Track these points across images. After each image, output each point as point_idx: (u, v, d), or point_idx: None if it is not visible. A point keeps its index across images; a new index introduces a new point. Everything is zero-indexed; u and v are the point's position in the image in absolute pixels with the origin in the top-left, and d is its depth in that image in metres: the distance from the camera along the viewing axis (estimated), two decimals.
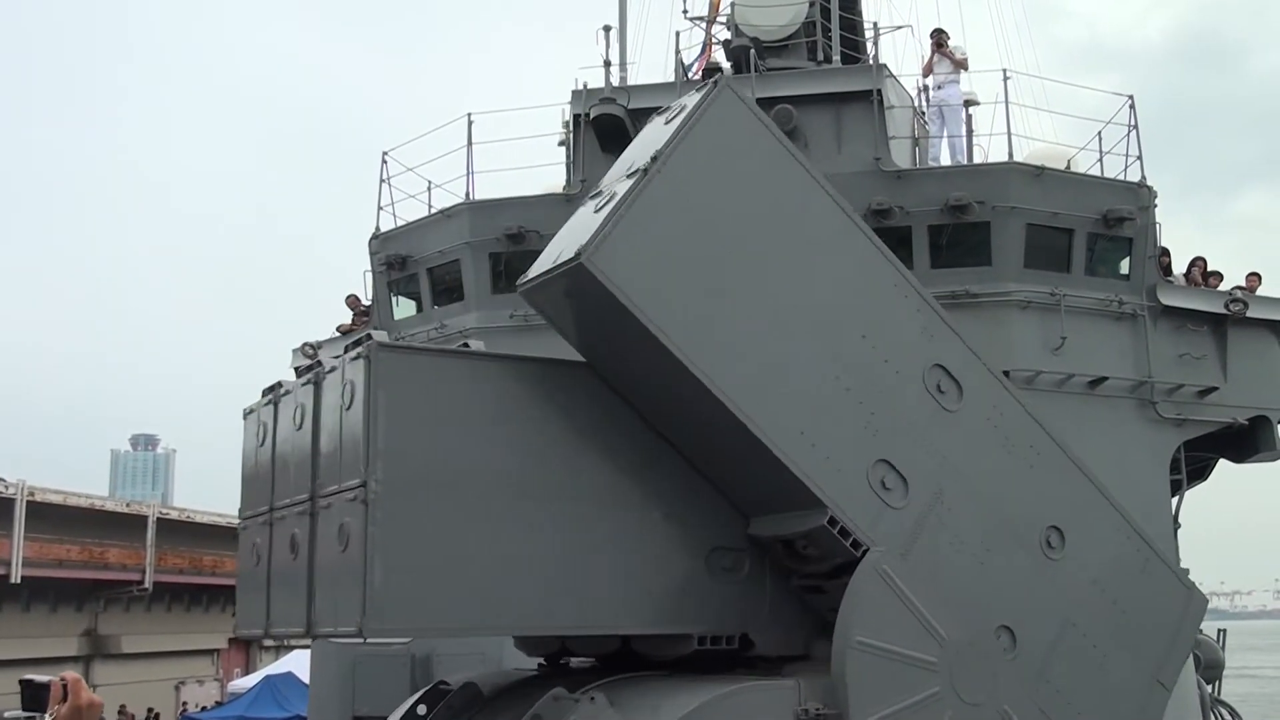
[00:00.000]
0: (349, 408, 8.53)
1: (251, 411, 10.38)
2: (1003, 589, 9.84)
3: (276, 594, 9.57)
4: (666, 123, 9.37)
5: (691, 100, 9.29)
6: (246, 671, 49.80)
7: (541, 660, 10.98)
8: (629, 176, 8.83)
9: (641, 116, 17.22)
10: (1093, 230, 16.58)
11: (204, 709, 46.48)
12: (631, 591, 9.24)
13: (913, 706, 8.96)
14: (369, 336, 8.72)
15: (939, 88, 18.91)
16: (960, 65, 18.98)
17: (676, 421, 9.45)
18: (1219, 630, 21.38)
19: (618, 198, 8.60)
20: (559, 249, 8.95)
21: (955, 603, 9.42)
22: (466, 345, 10.38)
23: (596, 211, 8.79)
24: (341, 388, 8.66)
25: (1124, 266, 17.04)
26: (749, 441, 8.88)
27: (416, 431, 8.52)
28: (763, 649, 9.85)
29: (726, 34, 19.82)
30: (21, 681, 4.83)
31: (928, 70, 19.15)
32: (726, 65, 17.77)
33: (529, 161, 18.73)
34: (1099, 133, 17.68)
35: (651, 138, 9.39)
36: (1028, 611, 9.93)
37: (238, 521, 10.48)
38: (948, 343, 9.93)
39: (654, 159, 8.71)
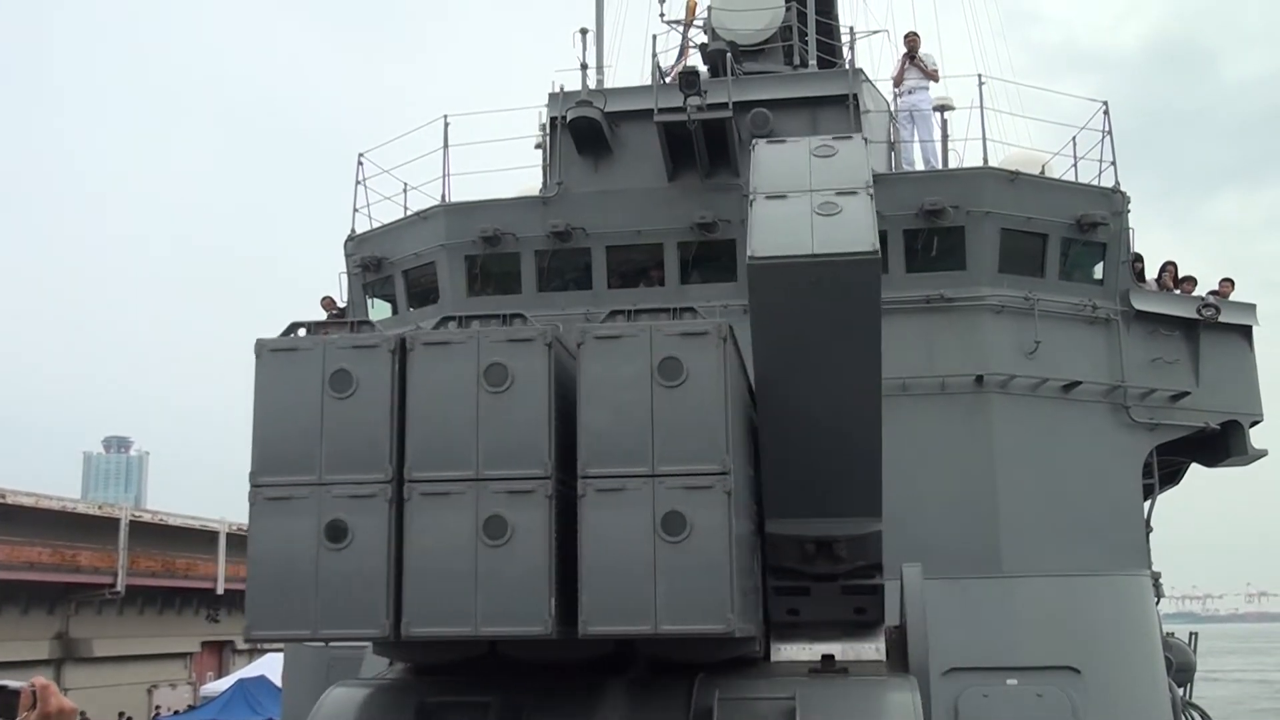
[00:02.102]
0: (674, 385, 7.77)
1: (289, 350, 8.15)
2: None
3: (428, 587, 7.81)
4: (818, 155, 9.54)
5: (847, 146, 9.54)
6: (219, 675, 49.57)
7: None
8: (840, 195, 8.81)
9: (618, 119, 17.29)
10: (1067, 235, 16.68)
11: (177, 713, 46.25)
12: None
13: None
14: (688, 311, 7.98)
15: (910, 92, 18.99)
16: (930, 76, 19.06)
17: (796, 420, 8.90)
18: (1191, 633, 21.49)
19: (862, 204, 8.66)
20: (790, 239, 8.43)
21: None
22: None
23: (830, 216, 8.59)
24: (653, 362, 7.78)
25: (1098, 271, 17.14)
26: (868, 449, 8.79)
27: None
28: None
29: (703, 37, 19.89)
30: None
31: (899, 79, 19.21)
32: (703, 69, 17.79)
33: (505, 164, 18.74)
34: (1073, 138, 17.80)
35: (802, 165, 9.50)
36: None
37: (273, 490, 7.97)
38: None
39: (866, 184, 8.94)
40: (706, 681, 8.83)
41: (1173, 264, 18.77)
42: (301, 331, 8.19)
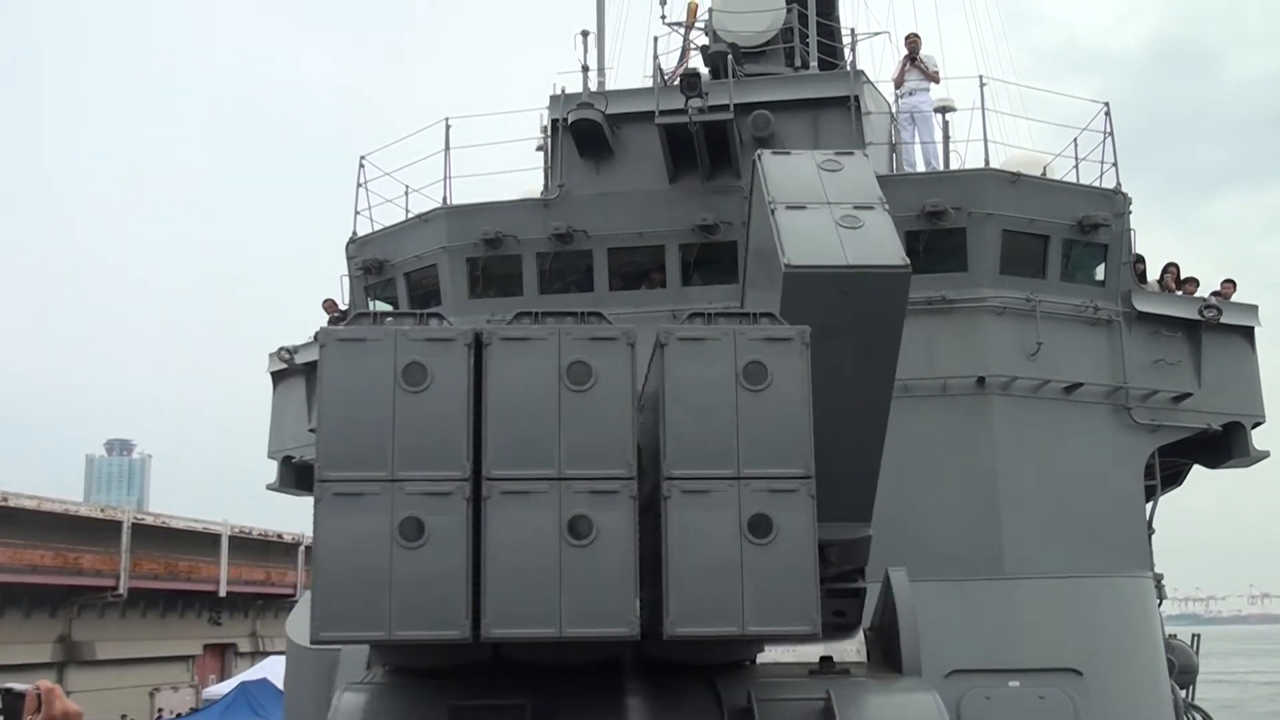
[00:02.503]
0: (759, 389, 7.84)
1: (357, 340, 7.79)
2: None
3: (509, 588, 7.65)
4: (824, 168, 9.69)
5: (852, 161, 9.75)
6: (221, 678, 49.57)
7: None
8: (858, 209, 9.02)
9: (619, 121, 17.30)
10: (1068, 236, 16.68)
11: (179, 715, 46.25)
12: None
13: None
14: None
15: (911, 94, 18.99)
16: (931, 78, 19.07)
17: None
18: (1193, 635, 21.50)
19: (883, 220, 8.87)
20: (822, 249, 8.76)
21: None
22: None
23: (854, 229, 8.78)
24: (739, 365, 7.86)
25: (1099, 272, 17.14)
26: (869, 458, 8.88)
27: None
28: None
29: (704, 39, 19.89)
30: (2, 690, 4.79)
31: (899, 81, 19.22)
32: (704, 71, 17.80)
33: (507, 166, 18.76)
34: (1075, 139, 17.81)
35: (813, 177, 9.65)
36: None
37: (343, 486, 7.63)
38: None
39: (880, 200, 9.13)
40: (730, 683, 8.74)
41: (1175, 265, 18.77)
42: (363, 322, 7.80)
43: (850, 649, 10.01)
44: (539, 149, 19.24)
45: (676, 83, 16.93)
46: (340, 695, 8.76)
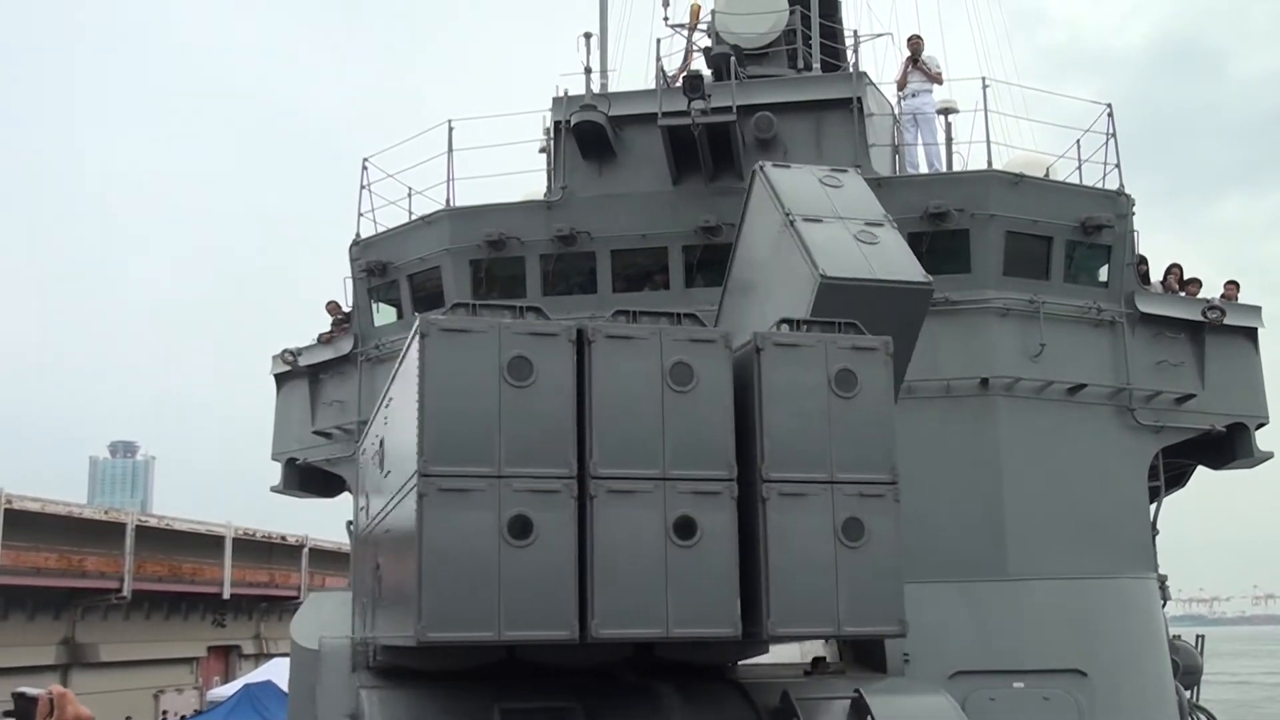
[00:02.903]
0: (849, 396, 8.11)
1: (461, 331, 7.70)
2: None
3: (618, 588, 7.67)
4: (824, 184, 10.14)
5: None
6: (226, 680, 49.59)
7: None
8: (870, 225, 9.67)
9: (622, 123, 17.31)
10: (1071, 238, 16.68)
11: (183, 717, 46.30)
12: None
13: None
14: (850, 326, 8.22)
15: (914, 95, 18.99)
16: (934, 79, 19.06)
17: None
18: (1198, 636, 21.48)
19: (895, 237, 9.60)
20: (849, 261, 9.16)
21: None
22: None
23: (871, 245, 9.36)
24: (830, 372, 8.12)
25: (1102, 274, 17.14)
26: None
27: None
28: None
29: (707, 41, 19.90)
30: (14, 694, 4.81)
31: (902, 83, 19.22)
32: (707, 73, 17.81)
33: (510, 168, 18.76)
34: (1078, 141, 17.81)
35: (819, 192, 10.12)
36: None
37: (449, 481, 7.43)
38: None
39: (887, 217, 9.74)
40: (756, 683, 8.93)
41: (1178, 266, 18.76)
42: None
43: (817, 649, 10.09)
44: (542, 151, 19.25)
45: (679, 84, 16.93)
46: (366, 696, 8.65)
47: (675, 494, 7.58)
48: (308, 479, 20.16)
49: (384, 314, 19.07)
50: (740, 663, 9.63)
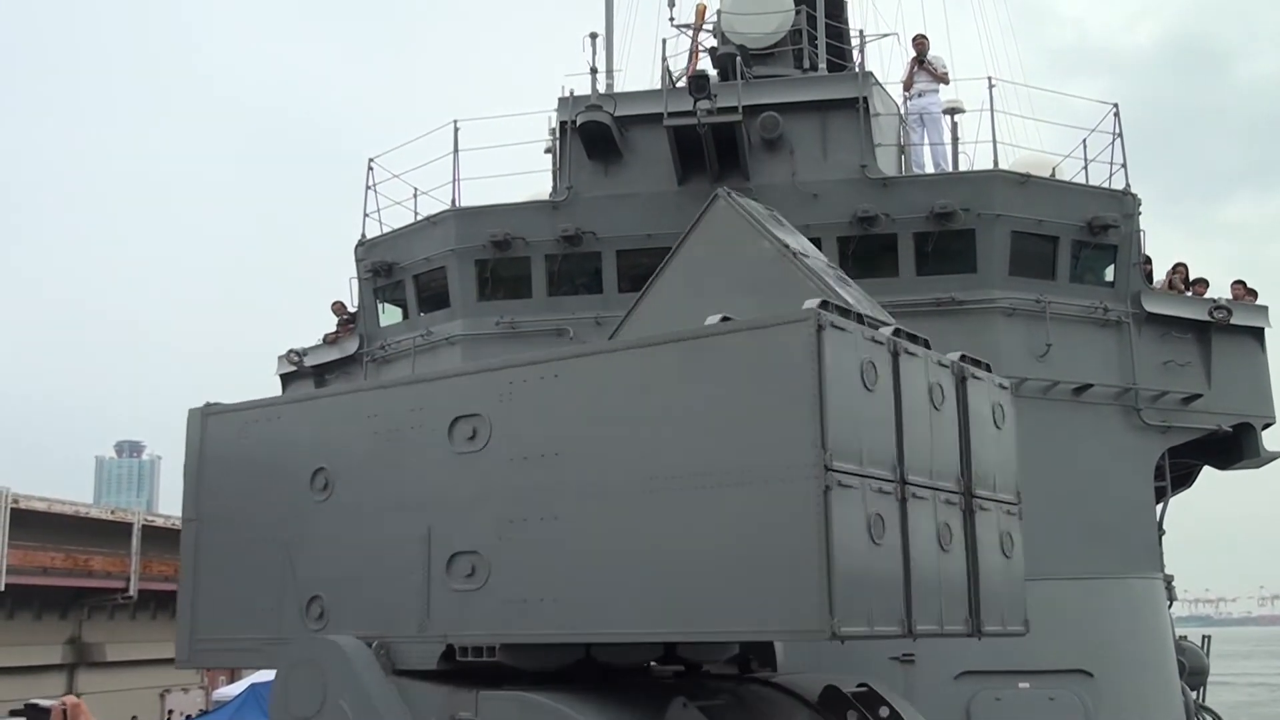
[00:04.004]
0: (1000, 427, 9.68)
1: (840, 330, 8.02)
2: None
3: (923, 587, 8.36)
4: None
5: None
6: (231, 680, 49.59)
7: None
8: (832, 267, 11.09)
9: (628, 123, 17.30)
10: (1077, 237, 16.66)
11: (189, 717, 46.29)
12: None
13: None
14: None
15: (920, 95, 18.97)
16: (941, 79, 19.04)
17: None
18: (1204, 637, 21.47)
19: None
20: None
21: None
22: None
23: (848, 287, 10.43)
24: (991, 405, 9.69)
25: (1109, 274, 17.12)
26: None
27: None
28: None
29: (713, 41, 19.89)
30: (27, 705, 4.83)
31: (909, 84, 19.20)
32: (713, 73, 17.80)
33: (515, 168, 18.75)
34: (1084, 140, 17.77)
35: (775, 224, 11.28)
36: None
37: (846, 479, 7.69)
38: None
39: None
40: (787, 679, 9.96)
41: (1183, 265, 18.72)
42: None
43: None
44: (547, 151, 19.24)
45: (685, 84, 16.92)
46: (489, 702, 8.74)
47: (940, 504, 8.53)
48: None
49: (389, 314, 19.08)
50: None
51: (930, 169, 18.53)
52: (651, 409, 8.39)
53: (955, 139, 19.05)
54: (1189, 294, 18.17)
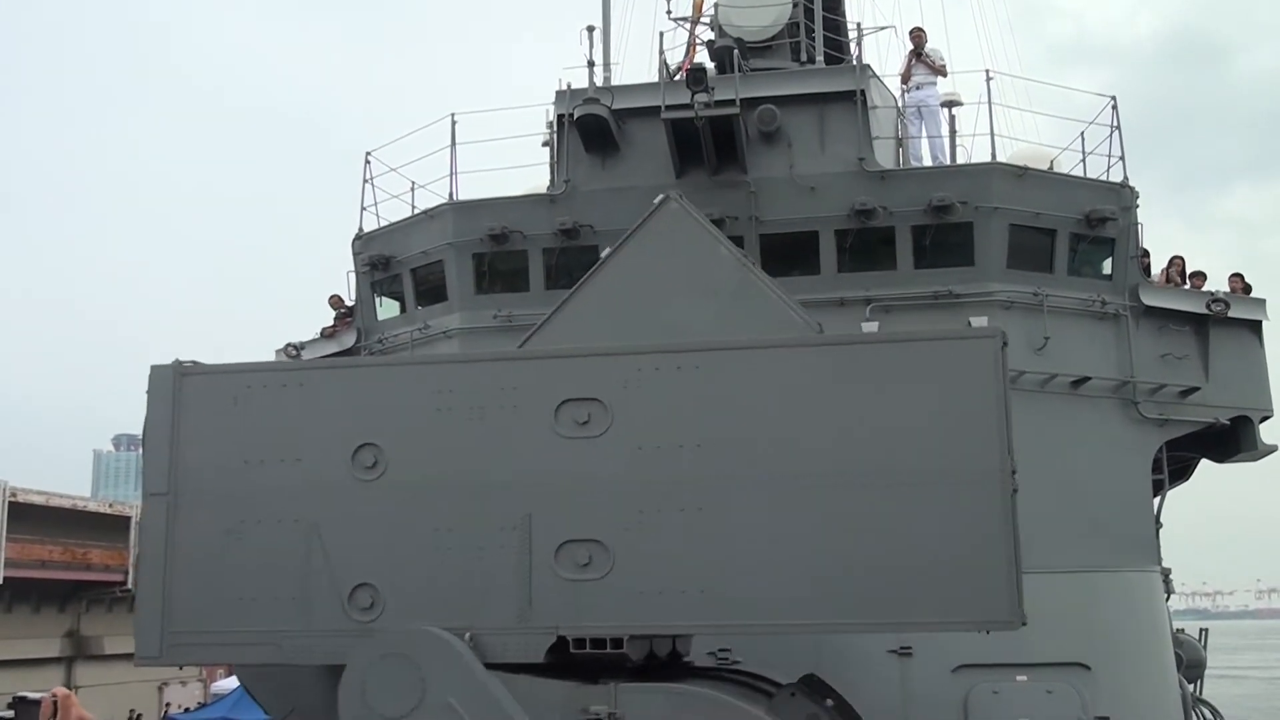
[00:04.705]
0: None
1: None
2: None
3: None
4: None
5: None
6: (230, 673, 49.56)
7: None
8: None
9: (625, 117, 17.27)
10: (1075, 230, 16.64)
11: (187, 710, 46.27)
12: None
13: None
14: None
15: (917, 88, 18.95)
16: (939, 72, 19.01)
17: None
18: (1201, 630, 21.49)
19: None
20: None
21: None
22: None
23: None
24: None
25: (1106, 267, 17.10)
26: None
27: None
28: None
29: (710, 34, 19.84)
30: (15, 699, 4.81)
31: (906, 77, 19.17)
32: (710, 66, 17.77)
33: (513, 162, 18.72)
34: (1081, 133, 17.75)
35: None
36: None
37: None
38: None
39: None
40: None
41: (1179, 258, 18.70)
42: None
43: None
44: (545, 144, 19.21)
45: (682, 78, 16.88)
46: (632, 694, 8.72)
47: None
48: None
49: (387, 308, 19.05)
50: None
51: (928, 162, 18.51)
52: (803, 407, 8.68)
53: (953, 132, 19.01)
54: (1187, 287, 18.16)
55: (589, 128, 17.07)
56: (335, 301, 20.22)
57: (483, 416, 9.08)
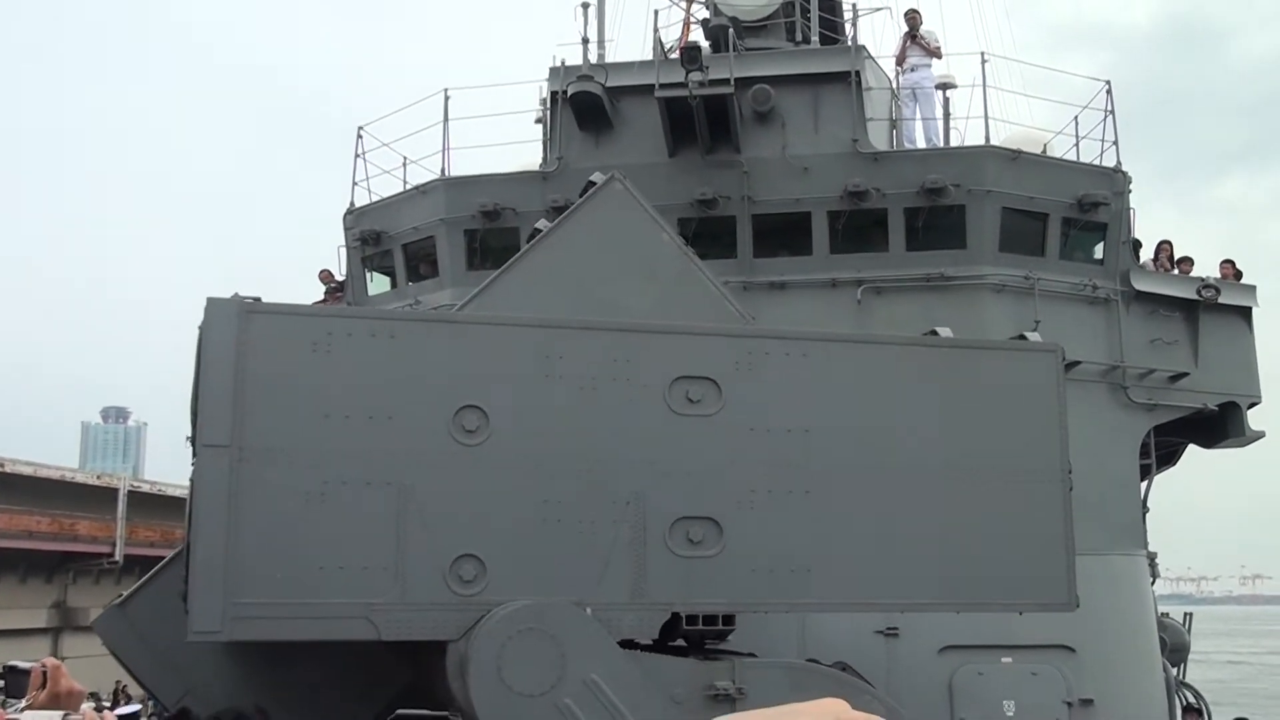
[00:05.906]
0: None
1: None
2: None
3: None
4: None
5: None
6: None
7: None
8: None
9: (619, 94, 17.22)
10: (1067, 215, 16.65)
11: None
12: None
13: None
14: None
15: (912, 69, 18.91)
16: (933, 54, 18.97)
17: None
18: (1185, 614, 21.58)
19: None
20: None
21: None
22: None
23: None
24: None
25: (1098, 251, 17.12)
26: None
27: None
28: None
29: (705, 13, 19.78)
30: (5, 667, 4.80)
31: (901, 58, 19.13)
32: (705, 44, 17.72)
33: (506, 138, 18.66)
34: (1075, 117, 17.74)
35: None
36: None
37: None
38: None
39: None
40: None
41: (1168, 244, 18.76)
42: None
43: None
44: (538, 121, 19.15)
45: (677, 56, 16.83)
46: (752, 670, 8.97)
47: None
48: None
49: (378, 283, 19.01)
50: None
51: (922, 144, 18.48)
52: (900, 401, 9.41)
53: (947, 114, 18.99)
54: (1175, 272, 18.20)
55: (583, 105, 17.03)
56: (325, 276, 20.18)
57: (594, 387, 8.87)
